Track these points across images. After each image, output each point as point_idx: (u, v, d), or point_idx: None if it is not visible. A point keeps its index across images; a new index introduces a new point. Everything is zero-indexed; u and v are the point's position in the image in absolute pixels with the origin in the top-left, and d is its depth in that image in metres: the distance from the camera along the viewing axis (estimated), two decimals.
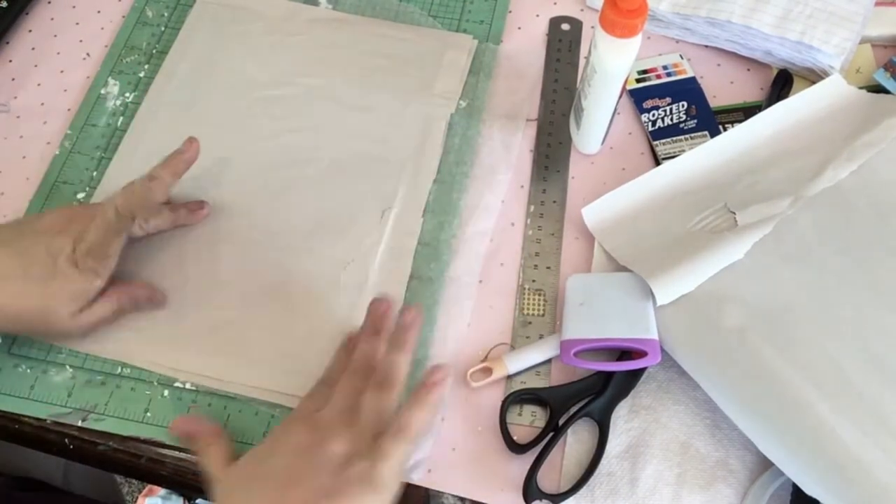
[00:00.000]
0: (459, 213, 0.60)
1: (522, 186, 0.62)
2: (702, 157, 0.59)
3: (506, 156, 0.62)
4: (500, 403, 0.52)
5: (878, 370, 0.49)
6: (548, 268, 0.58)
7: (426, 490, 0.51)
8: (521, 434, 0.52)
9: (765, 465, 0.50)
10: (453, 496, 0.51)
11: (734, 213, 0.55)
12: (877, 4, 0.64)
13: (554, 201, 0.61)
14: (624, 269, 0.55)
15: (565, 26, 0.68)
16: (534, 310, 0.57)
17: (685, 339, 0.51)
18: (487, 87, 0.65)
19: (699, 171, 0.59)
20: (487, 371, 0.54)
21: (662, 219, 0.58)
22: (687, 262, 0.52)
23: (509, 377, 0.54)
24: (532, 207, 0.61)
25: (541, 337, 0.55)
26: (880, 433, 0.47)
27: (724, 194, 0.57)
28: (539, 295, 0.57)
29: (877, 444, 0.47)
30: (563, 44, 0.67)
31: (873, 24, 0.64)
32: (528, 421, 0.53)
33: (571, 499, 0.50)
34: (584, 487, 0.50)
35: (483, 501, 0.51)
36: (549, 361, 0.55)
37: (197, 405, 0.54)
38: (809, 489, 0.46)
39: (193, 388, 0.54)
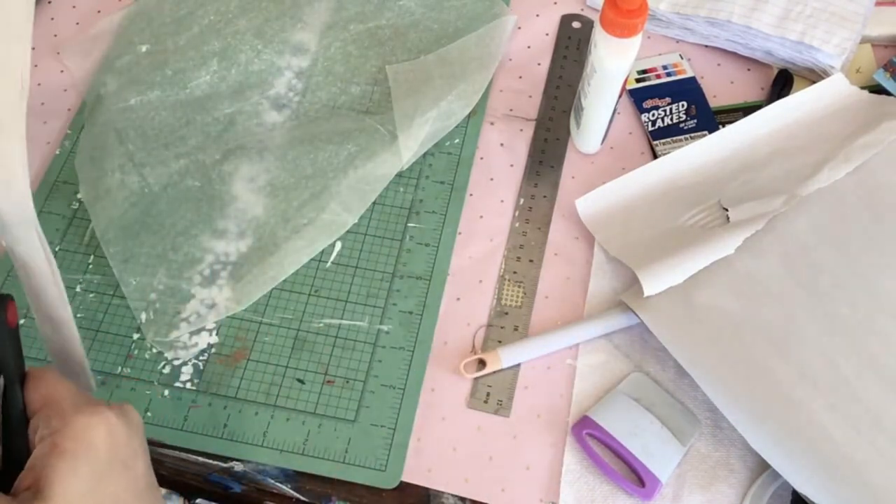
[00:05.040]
0: (460, 213, 0.60)
1: (515, 179, 0.62)
2: (698, 152, 0.60)
3: (506, 155, 0.63)
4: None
5: (872, 370, 0.49)
6: (530, 261, 0.58)
7: (426, 490, 0.51)
8: None
9: (765, 464, 0.50)
10: (453, 496, 0.51)
11: (727, 210, 0.55)
12: (877, 4, 0.64)
13: (544, 196, 0.61)
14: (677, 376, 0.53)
15: (576, 24, 0.68)
16: (512, 301, 0.57)
17: (681, 336, 0.51)
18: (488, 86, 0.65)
19: (694, 166, 0.59)
20: (481, 363, 0.54)
21: (655, 212, 0.58)
22: (676, 255, 0.53)
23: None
24: (521, 200, 0.61)
25: (516, 329, 0.56)
26: (874, 432, 0.47)
27: (719, 191, 0.57)
28: (519, 287, 0.57)
29: (870, 443, 0.47)
30: (572, 41, 0.68)
31: (873, 24, 0.64)
32: None
33: (571, 499, 0.50)
34: (584, 486, 0.50)
35: (483, 501, 0.51)
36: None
37: (197, 405, 0.54)
38: (800, 487, 0.46)
39: (193, 387, 0.54)
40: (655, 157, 0.62)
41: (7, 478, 0.36)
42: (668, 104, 0.63)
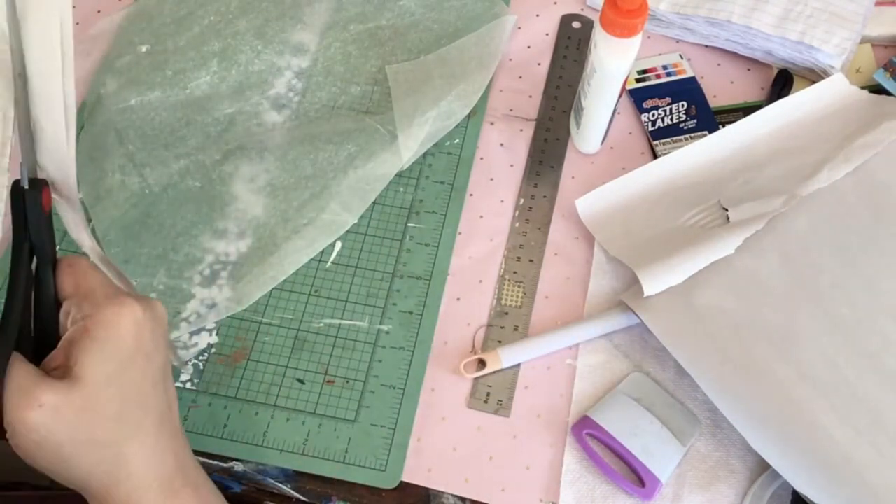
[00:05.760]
0: (460, 213, 0.60)
1: (515, 179, 0.62)
2: (698, 152, 0.60)
3: (506, 155, 0.63)
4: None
5: (872, 370, 0.49)
6: (530, 261, 0.58)
7: (426, 490, 0.51)
8: None
9: (765, 464, 0.50)
10: (453, 496, 0.51)
11: (727, 210, 0.55)
12: (877, 4, 0.64)
13: (544, 196, 0.61)
14: (678, 376, 0.53)
15: (576, 24, 0.68)
16: (512, 301, 0.57)
17: (681, 336, 0.51)
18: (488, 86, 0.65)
19: (694, 166, 0.59)
20: (481, 363, 0.54)
21: (655, 212, 0.58)
22: (676, 255, 0.53)
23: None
24: (521, 200, 0.61)
25: (516, 329, 0.56)
26: (874, 432, 0.47)
27: (719, 191, 0.57)
28: (519, 287, 0.57)
29: (870, 443, 0.47)
30: (572, 41, 0.68)
31: (873, 24, 0.64)
32: None
33: (571, 499, 0.50)
34: (584, 486, 0.50)
35: (483, 501, 0.51)
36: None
37: (197, 405, 0.54)
38: (800, 487, 0.46)
39: (193, 387, 0.54)
40: (655, 157, 0.62)
41: (38, 353, 0.39)
42: (668, 104, 0.63)
